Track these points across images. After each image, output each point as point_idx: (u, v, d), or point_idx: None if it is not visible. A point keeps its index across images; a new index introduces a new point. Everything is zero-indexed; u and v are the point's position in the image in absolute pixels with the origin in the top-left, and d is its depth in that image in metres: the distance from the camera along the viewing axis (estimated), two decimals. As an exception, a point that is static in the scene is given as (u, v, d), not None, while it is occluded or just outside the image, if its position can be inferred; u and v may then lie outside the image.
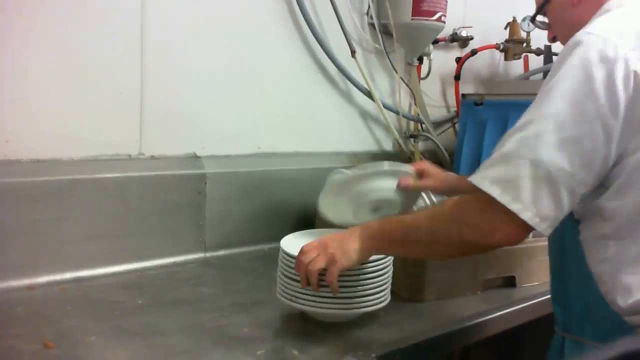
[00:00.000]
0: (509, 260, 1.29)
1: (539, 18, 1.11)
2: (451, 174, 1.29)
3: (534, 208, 0.80)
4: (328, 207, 1.21)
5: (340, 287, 0.98)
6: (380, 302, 1.05)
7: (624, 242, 0.86)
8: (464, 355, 1.35)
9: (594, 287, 0.90)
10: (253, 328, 1.04)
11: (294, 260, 0.99)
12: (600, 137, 0.81)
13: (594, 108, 0.80)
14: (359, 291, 1.02)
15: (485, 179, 0.83)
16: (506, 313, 1.18)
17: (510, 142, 0.83)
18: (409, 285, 1.19)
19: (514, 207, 0.80)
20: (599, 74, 0.81)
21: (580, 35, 0.85)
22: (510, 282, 1.30)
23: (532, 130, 0.82)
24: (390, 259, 1.08)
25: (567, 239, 0.95)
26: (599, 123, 0.80)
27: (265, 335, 1.01)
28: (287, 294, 1.03)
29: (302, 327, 1.05)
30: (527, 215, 0.80)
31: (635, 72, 0.81)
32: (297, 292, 1.01)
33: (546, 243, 1.24)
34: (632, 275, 0.85)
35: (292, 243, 1.07)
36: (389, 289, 1.07)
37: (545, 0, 1.05)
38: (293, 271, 1.01)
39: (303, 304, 1.01)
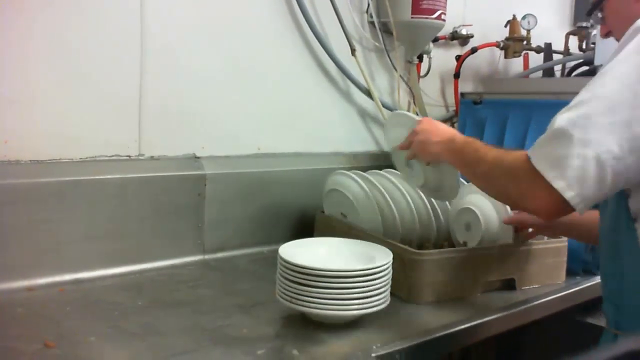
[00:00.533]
0: (509, 263, 1.30)
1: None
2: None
3: (578, 188, 0.81)
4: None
5: (339, 288, 1.00)
6: (380, 304, 1.05)
7: None
8: (463, 356, 1.35)
9: None
10: (253, 328, 1.04)
11: (294, 267, 1.02)
12: None
13: None
14: (358, 293, 1.02)
15: (536, 154, 0.85)
16: (505, 315, 1.18)
17: (562, 121, 0.83)
18: (408, 287, 1.19)
19: (558, 184, 0.82)
20: None
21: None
22: (509, 285, 1.30)
23: (583, 110, 0.82)
24: (390, 262, 1.08)
25: (623, 239, 0.95)
26: None
27: (265, 336, 1.02)
28: (287, 295, 1.03)
29: (302, 327, 1.05)
30: (569, 194, 0.81)
31: None
32: (298, 293, 1.01)
33: (546, 246, 1.24)
34: None
35: (291, 250, 1.09)
36: (388, 290, 1.07)
37: None
38: (292, 275, 1.02)
39: (303, 306, 1.01)
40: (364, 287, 1.02)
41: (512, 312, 1.19)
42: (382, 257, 1.09)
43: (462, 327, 1.09)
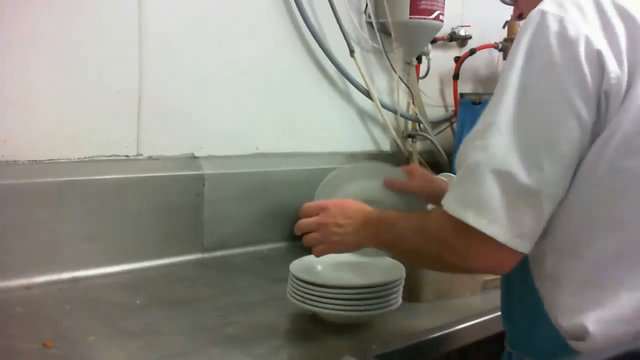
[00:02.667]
0: None
1: None
2: (440, 177, 1.24)
3: (513, 228, 0.70)
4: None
5: (353, 287, 1.01)
6: (392, 305, 1.05)
7: (564, 258, 0.75)
8: (462, 355, 1.35)
9: (537, 303, 0.80)
10: (252, 328, 1.04)
11: (303, 285, 1.02)
12: (576, 136, 0.70)
13: (564, 104, 0.70)
14: (372, 293, 1.02)
15: (454, 202, 0.74)
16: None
17: (473, 153, 0.73)
18: (408, 286, 1.19)
19: (490, 230, 0.70)
20: (559, 59, 0.70)
21: (534, 13, 0.73)
22: None
23: (492, 136, 0.71)
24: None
25: None
26: (575, 121, 0.70)
27: (264, 335, 1.01)
28: (299, 295, 1.03)
29: (301, 327, 1.05)
30: (505, 238, 0.70)
31: (599, 50, 0.69)
32: (310, 294, 1.02)
33: None
34: (574, 296, 0.74)
35: (302, 266, 1.09)
36: (401, 290, 1.08)
37: None
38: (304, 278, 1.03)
39: (316, 306, 1.01)
40: (378, 287, 1.03)
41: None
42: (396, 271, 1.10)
43: (461, 326, 1.09)
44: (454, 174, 1.36)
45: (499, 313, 1.15)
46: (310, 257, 1.13)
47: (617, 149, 0.70)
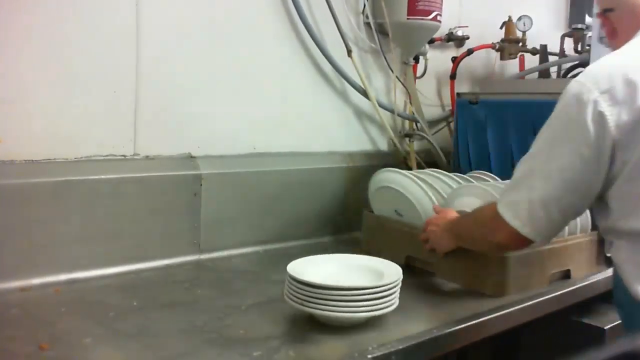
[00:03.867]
0: (564, 256, 1.39)
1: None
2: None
3: (530, 225, 1.04)
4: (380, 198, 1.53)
5: (350, 289, 1.01)
6: (390, 306, 1.05)
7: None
8: (460, 356, 1.35)
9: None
10: (249, 329, 1.04)
11: (300, 286, 1.03)
12: (579, 167, 1.00)
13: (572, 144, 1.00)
14: (369, 294, 1.02)
15: (500, 202, 1.09)
16: (501, 315, 1.18)
17: (519, 171, 1.08)
18: (493, 282, 1.26)
19: (515, 223, 1.05)
20: (573, 115, 1.00)
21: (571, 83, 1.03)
22: (566, 275, 1.39)
23: (531, 162, 1.06)
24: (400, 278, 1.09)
25: None
26: (578, 157, 1.00)
27: (261, 337, 1.01)
28: (296, 297, 1.03)
29: (299, 328, 1.05)
30: (525, 230, 1.05)
31: (601, 112, 0.98)
32: (307, 295, 1.01)
33: (590, 238, 1.45)
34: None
35: (299, 267, 1.09)
36: (398, 292, 1.08)
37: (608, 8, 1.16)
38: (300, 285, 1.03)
39: (313, 308, 1.01)
40: (374, 287, 1.03)
41: (508, 312, 1.19)
42: (391, 274, 1.10)
43: (458, 327, 1.09)
44: (454, 173, 1.45)
45: (496, 314, 1.16)
46: (307, 259, 1.14)
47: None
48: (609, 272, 1.43)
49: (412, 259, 1.41)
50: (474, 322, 1.12)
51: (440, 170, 1.59)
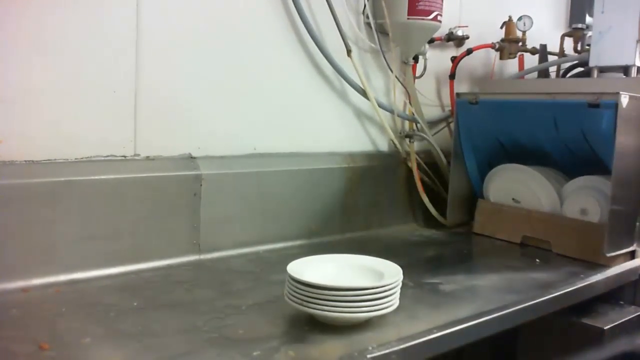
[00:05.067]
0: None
1: None
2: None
3: None
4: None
5: (350, 289, 1.01)
6: (390, 306, 1.05)
7: None
8: (458, 356, 1.35)
9: None
10: (249, 329, 1.04)
11: (300, 286, 1.02)
12: None
13: None
14: (369, 294, 1.02)
15: None
16: (499, 315, 1.18)
17: None
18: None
19: None
20: None
21: None
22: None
23: None
24: (400, 278, 1.10)
25: None
26: None
27: (261, 337, 1.01)
28: (296, 297, 1.03)
29: (298, 328, 1.05)
30: None
31: None
32: (307, 296, 1.01)
33: None
34: None
35: (299, 267, 1.09)
36: (398, 292, 1.08)
37: None
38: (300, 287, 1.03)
39: (313, 308, 1.01)
40: (375, 287, 1.03)
41: (507, 312, 1.19)
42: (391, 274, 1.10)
43: (458, 327, 1.09)
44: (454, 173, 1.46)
45: (495, 315, 1.16)
46: (307, 259, 1.14)
47: None
48: (609, 272, 1.44)
49: (527, 238, 1.69)
50: (473, 322, 1.12)
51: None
